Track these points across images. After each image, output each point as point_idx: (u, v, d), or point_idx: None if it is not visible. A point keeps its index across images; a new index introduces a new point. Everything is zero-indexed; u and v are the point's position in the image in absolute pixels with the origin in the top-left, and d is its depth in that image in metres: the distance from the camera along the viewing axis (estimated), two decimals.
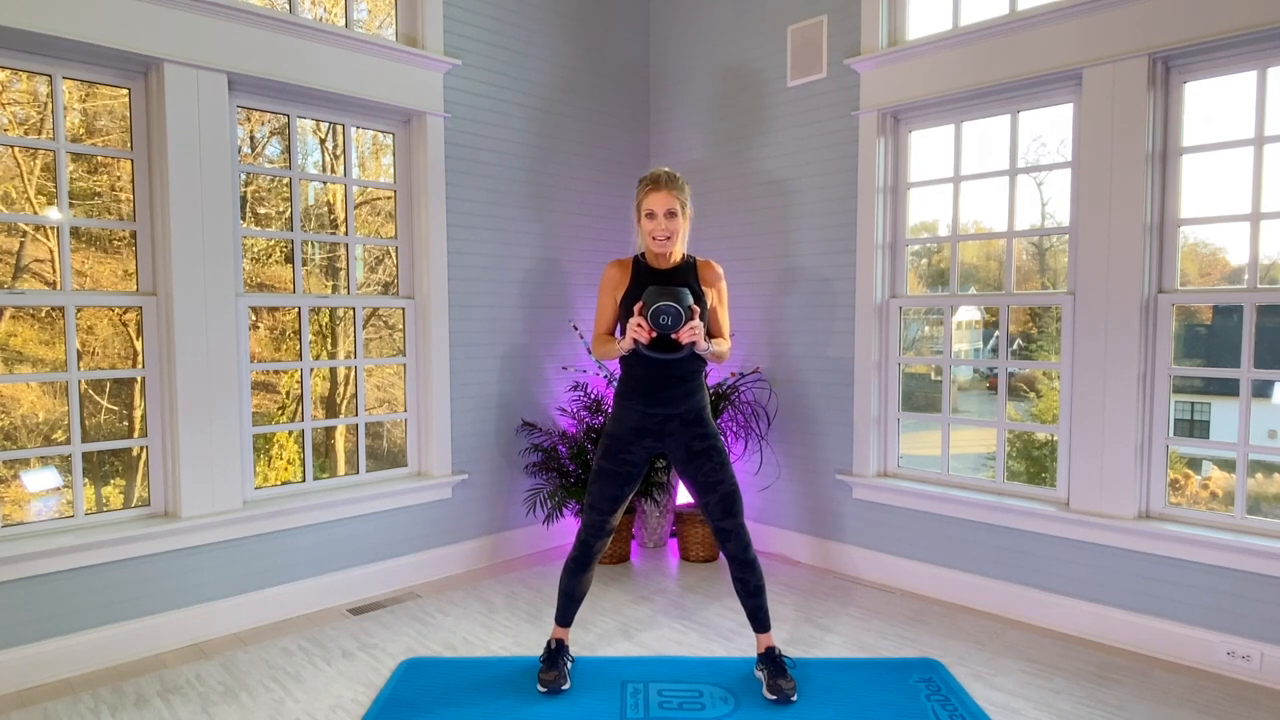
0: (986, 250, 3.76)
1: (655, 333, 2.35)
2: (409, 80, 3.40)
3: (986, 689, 2.53)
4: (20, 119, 3.96)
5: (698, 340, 2.35)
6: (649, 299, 2.32)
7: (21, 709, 2.41)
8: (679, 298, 2.31)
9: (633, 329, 2.35)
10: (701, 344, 2.38)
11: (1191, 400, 5.56)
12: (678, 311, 2.30)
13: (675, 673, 2.62)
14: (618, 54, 4.30)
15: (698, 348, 2.39)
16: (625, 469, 2.48)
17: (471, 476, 3.73)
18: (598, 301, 2.57)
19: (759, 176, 3.95)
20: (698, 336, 2.34)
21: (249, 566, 3.03)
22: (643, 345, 2.39)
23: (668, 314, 2.30)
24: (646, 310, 2.32)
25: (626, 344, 2.39)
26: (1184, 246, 2.86)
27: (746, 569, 2.48)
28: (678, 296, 2.31)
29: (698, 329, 2.34)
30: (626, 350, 2.43)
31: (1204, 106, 2.76)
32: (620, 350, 2.44)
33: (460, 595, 3.38)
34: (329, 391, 5.66)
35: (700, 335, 2.35)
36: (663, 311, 2.30)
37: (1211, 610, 2.68)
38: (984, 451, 3.76)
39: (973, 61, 3.15)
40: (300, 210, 3.30)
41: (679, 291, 2.33)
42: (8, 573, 2.51)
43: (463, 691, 2.49)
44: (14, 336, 4.75)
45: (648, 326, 2.34)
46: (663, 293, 2.32)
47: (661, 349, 2.42)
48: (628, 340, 2.38)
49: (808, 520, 3.83)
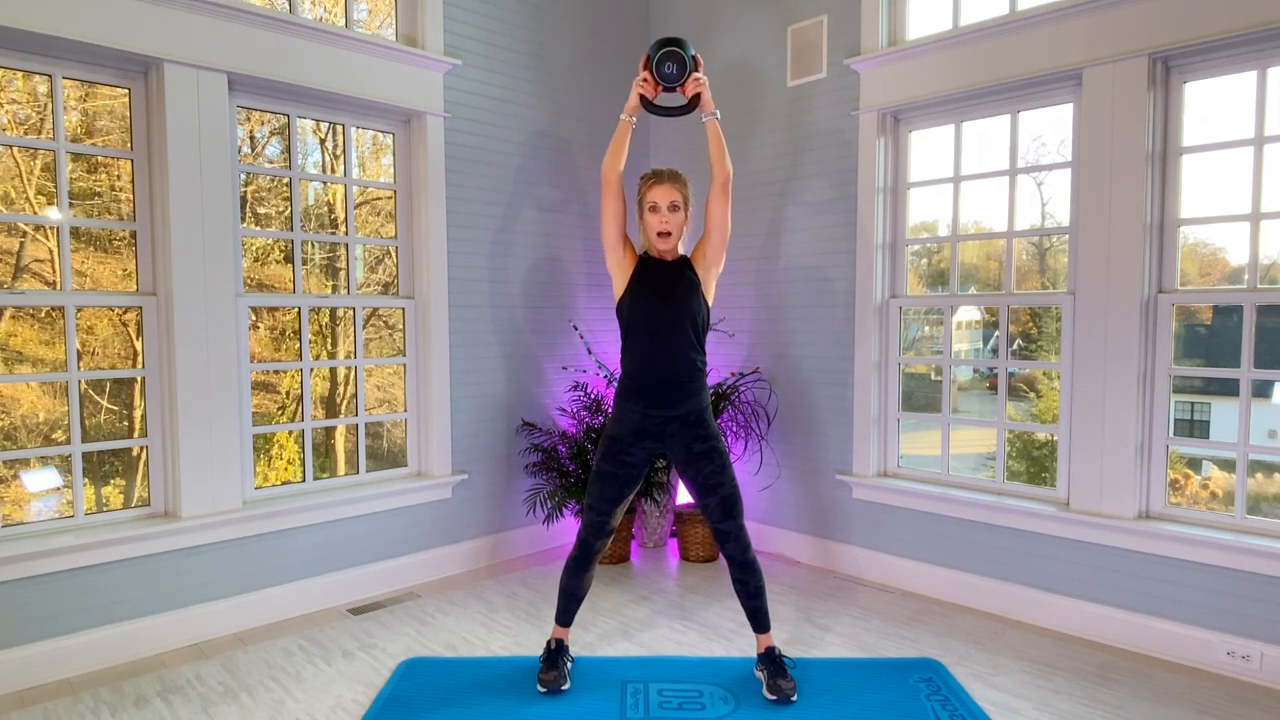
0: (986, 250, 3.76)
1: (660, 85, 2.26)
2: (409, 80, 3.40)
3: (986, 689, 2.53)
4: (20, 119, 3.96)
5: (704, 93, 2.29)
6: (653, 50, 2.25)
7: (21, 709, 2.41)
8: (683, 46, 2.23)
9: (637, 85, 2.30)
10: (709, 102, 2.32)
11: (1191, 400, 5.56)
12: (683, 59, 2.22)
13: (675, 673, 2.62)
14: (618, 53, 4.30)
15: (704, 106, 2.32)
16: (625, 470, 2.48)
17: (471, 476, 3.73)
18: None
19: (759, 176, 3.95)
20: (703, 87, 2.29)
21: (249, 566, 3.04)
22: (649, 101, 2.31)
23: (673, 61, 2.22)
24: (651, 61, 2.24)
25: (631, 101, 2.33)
26: (1184, 246, 2.86)
27: (746, 570, 2.48)
28: (682, 45, 2.23)
29: (703, 80, 2.27)
30: (631, 110, 2.34)
31: (1204, 106, 2.76)
32: (626, 113, 2.35)
33: (460, 595, 3.38)
34: (329, 391, 5.66)
35: (706, 87, 2.30)
36: (668, 59, 2.22)
37: (1211, 610, 2.68)
38: (984, 451, 3.76)
39: (973, 61, 3.15)
40: (300, 210, 3.30)
41: (683, 41, 2.25)
42: (8, 573, 2.51)
43: (463, 691, 2.49)
44: (14, 336, 4.75)
45: (652, 79, 2.26)
46: (667, 42, 2.24)
47: (669, 111, 2.34)
48: (632, 97, 2.32)
49: (808, 520, 3.83)
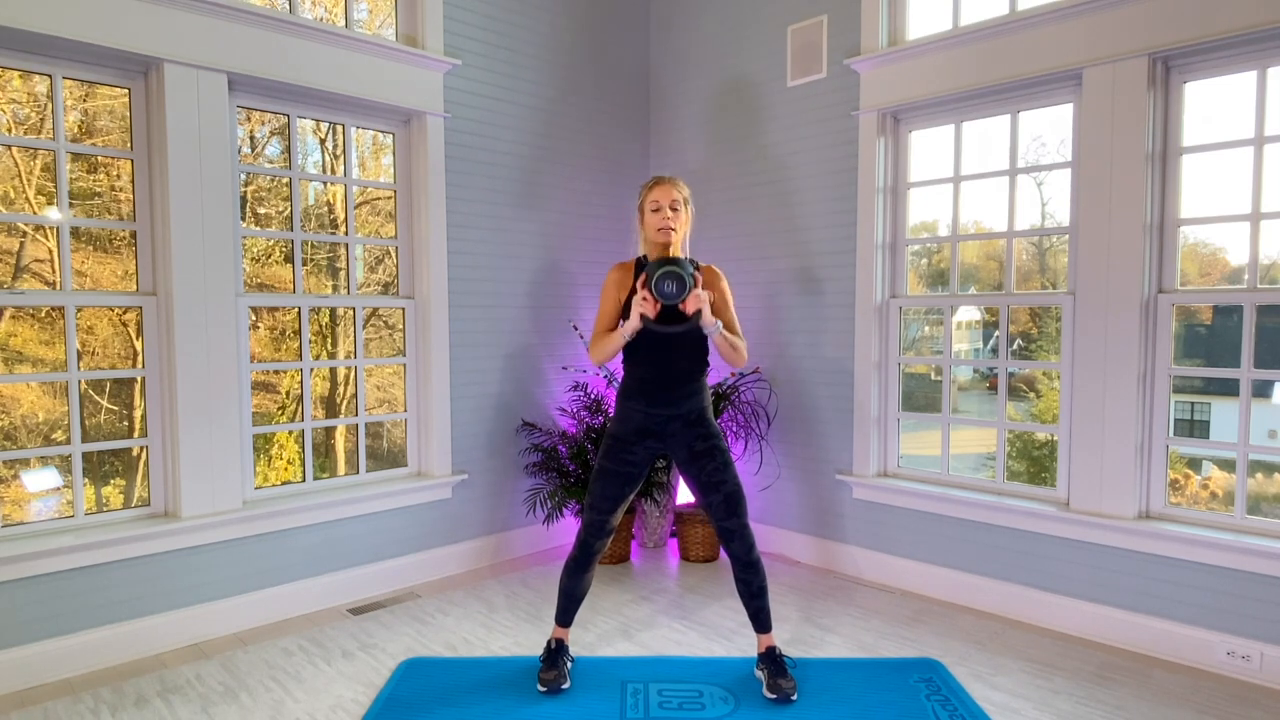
0: (986, 250, 3.76)
1: (660, 304, 2.28)
2: (409, 80, 3.40)
3: (986, 689, 2.53)
4: (20, 119, 3.96)
5: (704, 310, 2.30)
6: (651, 269, 2.26)
7: (21, 709, 2.41)
8: (682, 265, 2.25)
9: (637, 303, 2.31)
10: (709, 317, 2.33)
11: (1191, 400, 5.56)
12: (682, 278, 2.23)
13: (675, 673, 2.62)
14: (618, 53, 4.30)
15: (705, 321, 2.33)
16: (627, 469, 2.48)
17: (471, 476, 3.73)
18: (600, 305, 2.53)
19: (759, 176, 3.95)
20: (704, 304, 2.30)
21: (249, 566, 3.03)
22: (649, 320, 2.32)
23: (672, 280, 2.23)
24: (650, 280, 2.25)
25: (632, 323, 2.34)
26: (1184, 246, 2.86)
27: (750, 570, 2.48)
28: (680, 264, 2.25)
29: (704, 297, 2.29)
30: (632, 332, 2.36)
31: (1204, 106, 2.76)
32: (625, 334, 2.37)
33: (460, 595, 3.38)
34: (329, 391, 5.66)
35: (707, 305, 2.30)
36: (667, 278, 2.23)
37: (1211, 610, 2.68)
38: (984, 451, 3.76)
39: (973, 61, 3.15)
40: (300, 210, 3.30)
41: (681, 260, 2.28)
42: (8, 573, 2.51)
43: (463, 691, 2.49)
44: (14, 336, 4.75)
45: (652, 298, 2.28)
46: (665, 261, 2.26)
47: (669, 323, 2.35)
48: (633, 318, 2.33)
49: (808, 520, 3.83)
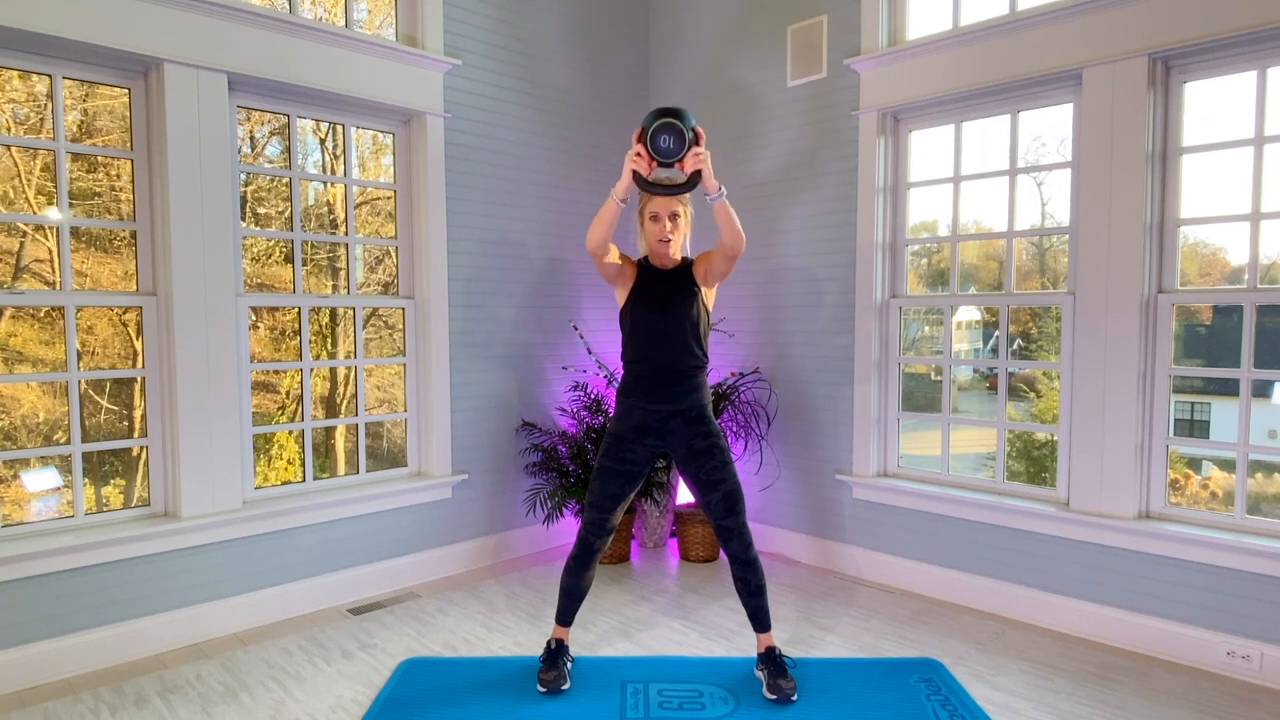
0: (986, 250, 3.76)
1: (656, 161, 2.05)
2: (409, 80, 3.40)
3: (986, 689, 2.53)
4: (20, 119, 3.96)
5: (705, 170, 2.08)
6: (648, 121, 2.01)
7: (21, 709, 2.41)
8: (683, 118, 2.02)
9: (631, 159, 2.07)
10: (710, 180, 2.10)
11: (1191, 400, 5.56)
12: (681, 133, 2.00)
13: (675, 673, 2.62)
14: (618, 53, 4.30)
15: (706, 183, 2.10)
16: (627, 467, 2.48)
17: (471, 476, 3.73)
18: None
19: (759, 176, 3.95)
20: (704, 164, 2.07)
21: (249, 566, 3.03)
22: (643, 178, 2.09)
23: (669, 134, 1.99)
24: (646, 135, 2.01)
25: (624, 182, 2.11)
26: (1184, 246, 2.86)
27: (748, 569, 2.48)
28: (682, 116, 2.02)
29: (704, 155, 2.07)
30: (624, 191, 2.13)
31: (1204, 106, 2.76)
32: (617, 195, 2.13)
33: (460, 595, 3.38)
34: (329, 391, 5.66)
35: (707, 164, 2.09)
36: (664, 132, 1.99)
37: (1211, 610, 2.68)
38: (984, 451, 3.76)
39: (973, 61, 3.15)
40: (300, 210, 3.30)
41: (683, 112, 2.04)
42: (8, 573, 2.51)
43: (463, 691, 2.49)
44: (14, 336, 4.75)
45: (647, 154, 2.04)
46: (664, 112, 2.01)
47: (666, 189, 2.12)
48: (625, 176, 2.11)
49: (808, 520, 3.83)
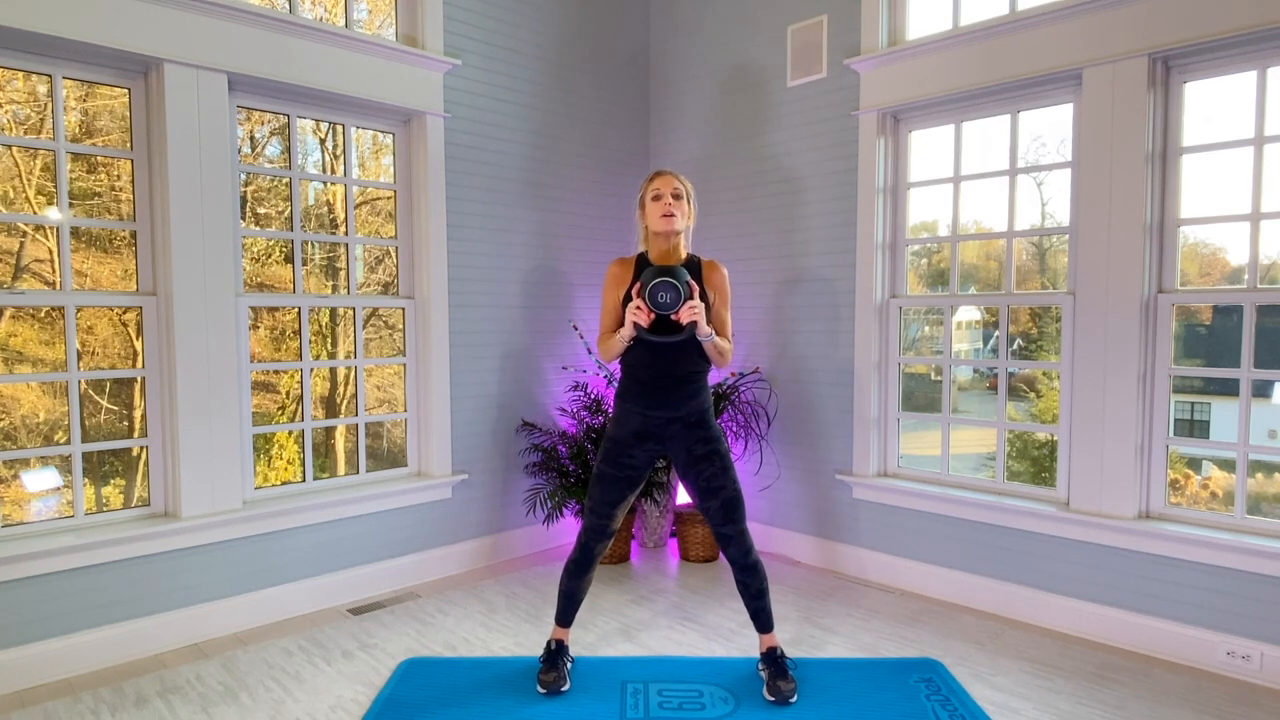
0: (986, 250, 3.76)
1: (654, 313, 2.25)
2: (409, 80, 3.40)
3: (986, 689, 2.53)
4: (20, 119, 3.96)
5: (699, 320, 2.26)
6: (646, 278, 2.23)
7: (21, 709, 2.41)
8: (677, 275, 2.23)
9: (631, 312, 2.26)
10: (704, 327, 2.28)
11: (1191, 400, 5.55)
12: (676, 288, 2.20)
13: (675, 673, 2.62)
14: (618, 54, 4.30)
15: (699, 331, 2.29)
16: (626, 473, 2.46)
17: (471, 476, 3.73)
18: (602, 303, 2.51)
19: (759, 177, 3.95)
20: (698, 316, 2.24)
21: (249, 566, 3.03)
22: (643, 329, 2.29)
23: (666, 291, 2.20)
24: (644, 290, 2.23)
25: (626, 331, 2.30)
26: (1184, 246, 2.86)
27: (749, 572, 2.47)
28: (676, 274, 2.23)
29: (698, 309, 2.24)
30: (627, 339, 2.33)
31: (1204, 106, 2.76)
32: (621, 340, 2.34)
33: (460, 595, 3.38)
34: (329, 391, 5.66)
35: (701, 315, 2.25)
36: (661, 289, 2.20)
37: (1211, 610, 2.68)
38: (984, 451, 3.76)
39: (973, 61, 3.15)
40: (300, 210, 3.30)
41: (677, 269, 2.25)
42: (8, 573, 2.51)
43: (463, 691, 2.49)
44: (14, 336, 4.75)
45: (646, 307, 2.25)
46: (661, 271, 2.23)
47: (662, 333, 2.32)
48: (627, 326, 2.29)
49: (808, 520, 3.83)
